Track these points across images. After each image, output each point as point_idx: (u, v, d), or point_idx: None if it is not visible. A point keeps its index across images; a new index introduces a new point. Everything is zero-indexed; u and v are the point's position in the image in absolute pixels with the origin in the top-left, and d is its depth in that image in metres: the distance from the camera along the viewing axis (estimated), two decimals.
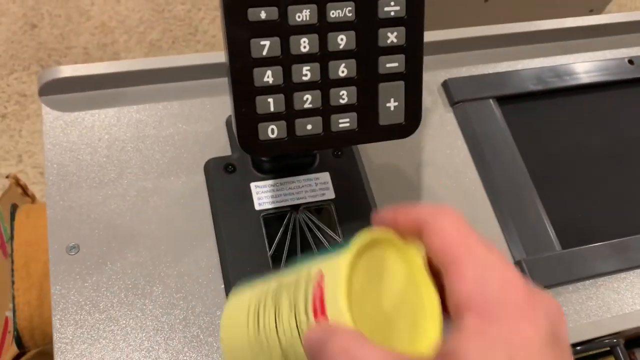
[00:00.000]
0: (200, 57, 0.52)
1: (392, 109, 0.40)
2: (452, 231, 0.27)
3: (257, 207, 0.46)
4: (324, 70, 0.38)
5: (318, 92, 0.39)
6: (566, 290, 0.49)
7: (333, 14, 0.37)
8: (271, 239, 0.45)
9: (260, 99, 0.38)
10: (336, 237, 0.46)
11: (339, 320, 0.25)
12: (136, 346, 0.41)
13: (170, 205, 0.47)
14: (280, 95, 0.38)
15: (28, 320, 0.52)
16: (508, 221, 0.50)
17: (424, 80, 0.41)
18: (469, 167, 0.53)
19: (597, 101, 0.61)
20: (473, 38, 0.59)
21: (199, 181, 0.48)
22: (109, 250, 0.44)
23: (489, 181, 0.52)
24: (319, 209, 0.47)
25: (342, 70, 0.38)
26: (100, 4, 1.65)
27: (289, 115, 0.39)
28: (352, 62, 0.39)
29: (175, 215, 0.46)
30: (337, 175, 0.49)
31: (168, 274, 0.44)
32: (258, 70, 0.37)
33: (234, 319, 0.31)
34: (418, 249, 0.28)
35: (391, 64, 0.39)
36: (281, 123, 0.39)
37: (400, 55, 0.39)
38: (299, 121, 0.39)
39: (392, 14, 0.38)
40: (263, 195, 0.47)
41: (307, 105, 0.39)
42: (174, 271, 0.44)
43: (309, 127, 0.39)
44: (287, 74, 0.38)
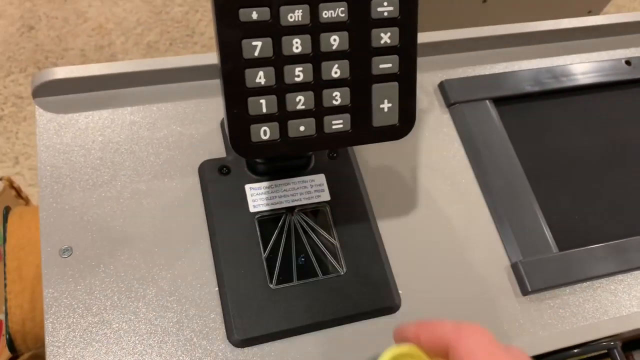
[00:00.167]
0: (194, 59, 0.52)
1: (386, 110, 0.40)
2: (480, 352, 0.27)
3: (252, 209, 0.46)
4: (317, 71, 0.38)
5: (311, 93, 0.38)
6: (563, 292, 0.48)
7: (325, 14, 0.37)
8: (266, 241, 0.45)
9: (252, 100, 0.38)
10: (331, 240, 0.46)
11: None
12: (129, 349, 0.41)
13: (165, 208, 0.46)
14: (273, 97, 0.38)
15: (20, 323, 0.51)
16: (504, 223, 0.50)
17: (420, 82, 0.41)
18: (465, 169, 0.53)
19: (594, 102, 0.60)
20: (469, 39, 0.59)
21: (193, 183, 0.48)
22: (102, 253, 0.44)
23: (485, 183, 0.52)
24: (314, 211, 0.47)
25: (335, 71, 0.38)
26: (97, 5, 1.65)
27: (282, 116, 0.39)
28: (345, 63, 0.38)
29: (170, 217, 0.46)
30: (333, 177, 0.48)
31: (162, 277, 0.43)
32: (250, 71, 0.37)
33: None
34: None
35: (385, 64, 0.39)
36: (274, 124, 0.38)
37: (394, 56, 0.39)
38: (292, 122, 0.39)
39: (385, 14, 0.38)
40: (258, 197, 0.46)
41: (300, 107, 0.38)
42: (167, 274, 0.44)
43: (302, 129, 0.39)
44: (280, 75, 0.38)
